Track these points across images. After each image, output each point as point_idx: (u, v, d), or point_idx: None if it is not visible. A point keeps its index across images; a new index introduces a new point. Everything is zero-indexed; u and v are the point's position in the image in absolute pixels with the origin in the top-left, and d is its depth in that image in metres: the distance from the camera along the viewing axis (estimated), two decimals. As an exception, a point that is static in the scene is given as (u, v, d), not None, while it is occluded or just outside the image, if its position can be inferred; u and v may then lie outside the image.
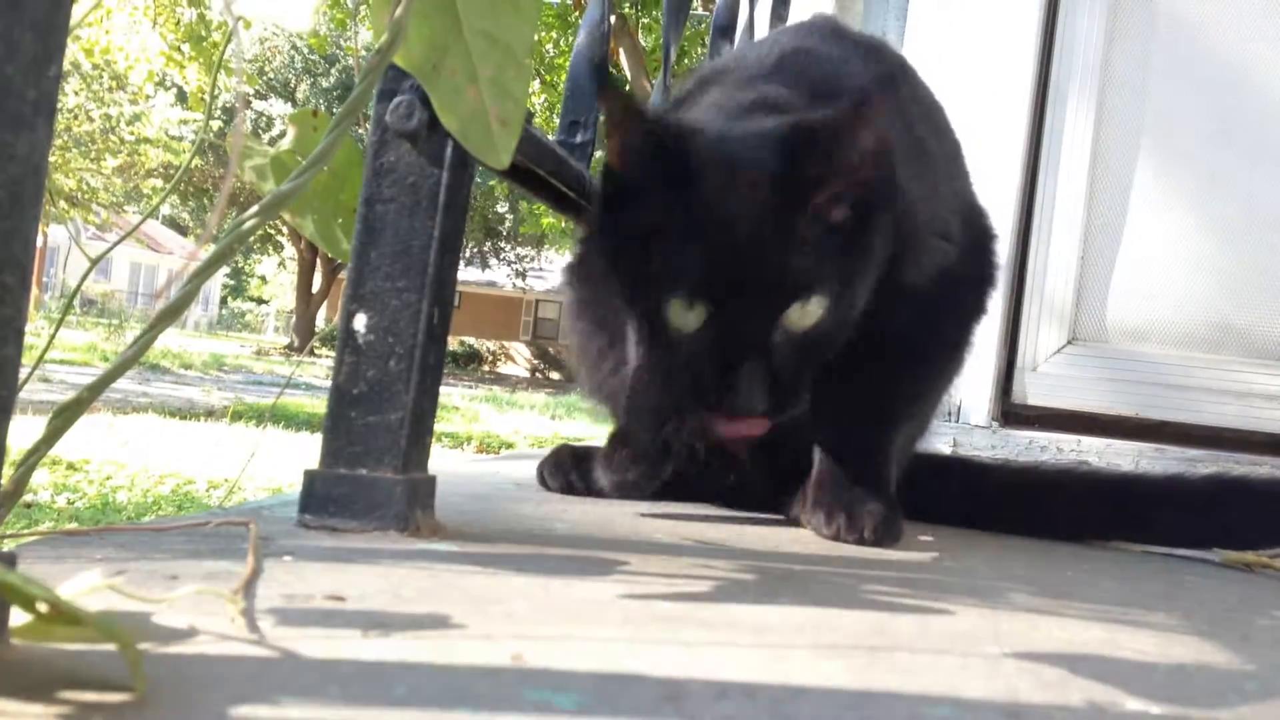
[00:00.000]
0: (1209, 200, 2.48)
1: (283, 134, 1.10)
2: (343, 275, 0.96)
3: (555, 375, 26.52)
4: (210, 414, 7.37)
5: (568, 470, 1.29)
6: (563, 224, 15.12)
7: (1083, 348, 2.44)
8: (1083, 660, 0.67)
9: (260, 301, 43.25)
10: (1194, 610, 0.90)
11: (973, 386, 2.41)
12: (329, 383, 0.92)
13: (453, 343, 25.15)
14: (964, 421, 2.41)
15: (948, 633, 0.72)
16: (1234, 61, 2.48)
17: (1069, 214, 2.49)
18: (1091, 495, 1.30)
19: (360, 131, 0.99)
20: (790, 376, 1.00)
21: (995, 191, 2.37)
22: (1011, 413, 2.47)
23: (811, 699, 0.54)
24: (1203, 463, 2.19)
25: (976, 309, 1.27)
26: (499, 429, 7.96)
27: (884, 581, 0.91)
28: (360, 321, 0.91)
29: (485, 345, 28.10)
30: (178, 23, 11.48)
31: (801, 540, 1.09)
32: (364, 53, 0.97)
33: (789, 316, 0.99)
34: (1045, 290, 2.47)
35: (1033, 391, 2.46)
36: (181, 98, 17.36)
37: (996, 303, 2.38)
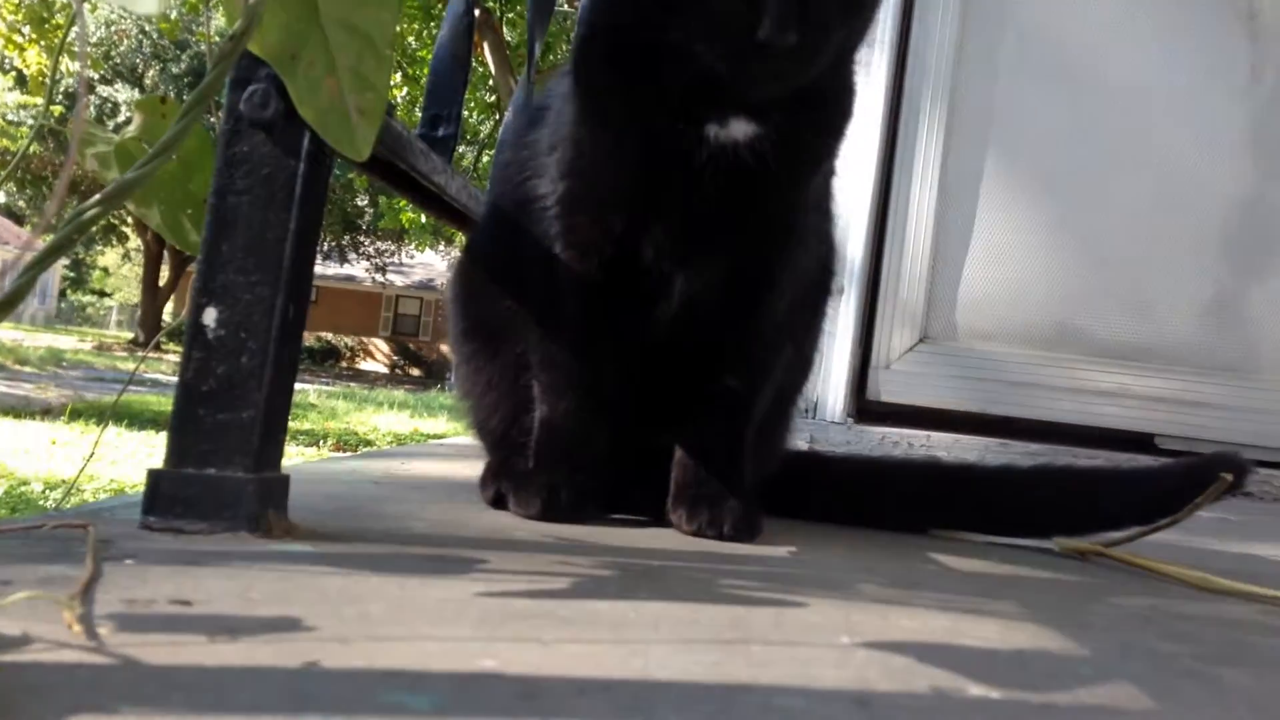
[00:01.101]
0: (1053, 206, 2.59)
1: (129, 121, 1.06)
2: (192, 268, 0.93)
3: (415, 372, 26.19)
4: (47, 412, 7.03)
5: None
6: (424, 219, 14.92)
7: (933, 347, 2.52)
8: (929, 649, 0.69)
9: (103, 294, 41.59)
10: (1033, 599, 0.94)
11: (829, 384, 2.47)
12: (176, 379, 0.89)
13: (309, 338, 24.60)
14: (821, 418, 2.47)
15: (802, 625, 0.73)
16: (1081, 70, 2.59)
17: (920, 219, 2.57)
18: (936, 488, 1.34)
19: (212, 120, 0.96)
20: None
21: (852, 197, 2.43)
22: (866, 409, 2.53)
23: (668, 693, 0.54)
24: (1043, 456, 2.29)
25: (823, 313, 1.31)
26: (357, 426, 7.80)
27: (742, 576, 0.92)
28: (210, 316, 0.88)
29: (343, 341, 27.57)
30: (18, 4, 10.95)
31: (662, 537, 1.10)
32: (217, 39, 0.94)
33: None
34: (898, 292, 2.55)
35: (886, 389, 2.53)
36: (21, 81, 16.55)
37: (852, 303, 2.45)
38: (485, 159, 13.70)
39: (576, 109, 1.12)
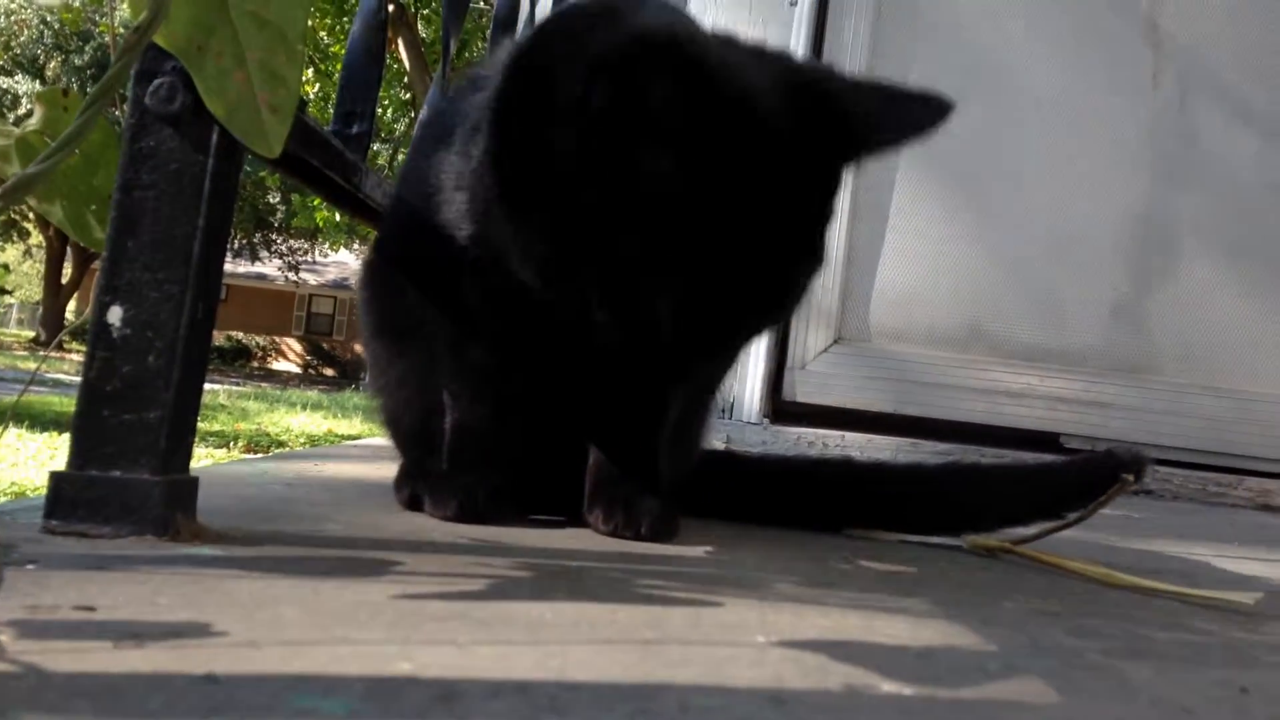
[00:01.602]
0: (964, 210, 2.64)
1: (29, 113, 1.02)
2: (96, 265, 0.91)
3: (329, 372, 25.81)
4: (-56, 413, 6.80)
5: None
6: (338, 217, 14.72)
7: (847, 348, 2.55)
8: (842, 646, 0.70)
9: (3, 292, 40.32)
10: (943, 596, 0.96)
11: (746, 385, 2.49)
12: (80, 379, 0.87)
13: (219, 338, 24.12)
14: (737, 418, 2.49)
15: (718, 624, 0.74)
16: (994, 71, 2.64)
17: (835, 221, 2.60)
18: (850, 487, 1.36)
19: (116, 114, 0.94)
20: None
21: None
22: (782, 410, 2.56)
23: (585, 694, 0.54)
24: (953, 456, 2.34)
25: None
26: (269, 427, 7.66)
27: (659, 576, 0.92)
28: (115, 314, 0.86)
29: (255, 340, 27.06)
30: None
31: (580, 538, 1.10)
32: (121, 30, 0.92)
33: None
34: (814, 293, 2.58)
35: (801, 389, 2.56)
36: (-86, 72, 15.99)
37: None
38: (401, 157, 13.55)
39: (488, 185, 1.04)
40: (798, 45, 2.52)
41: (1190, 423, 2.50)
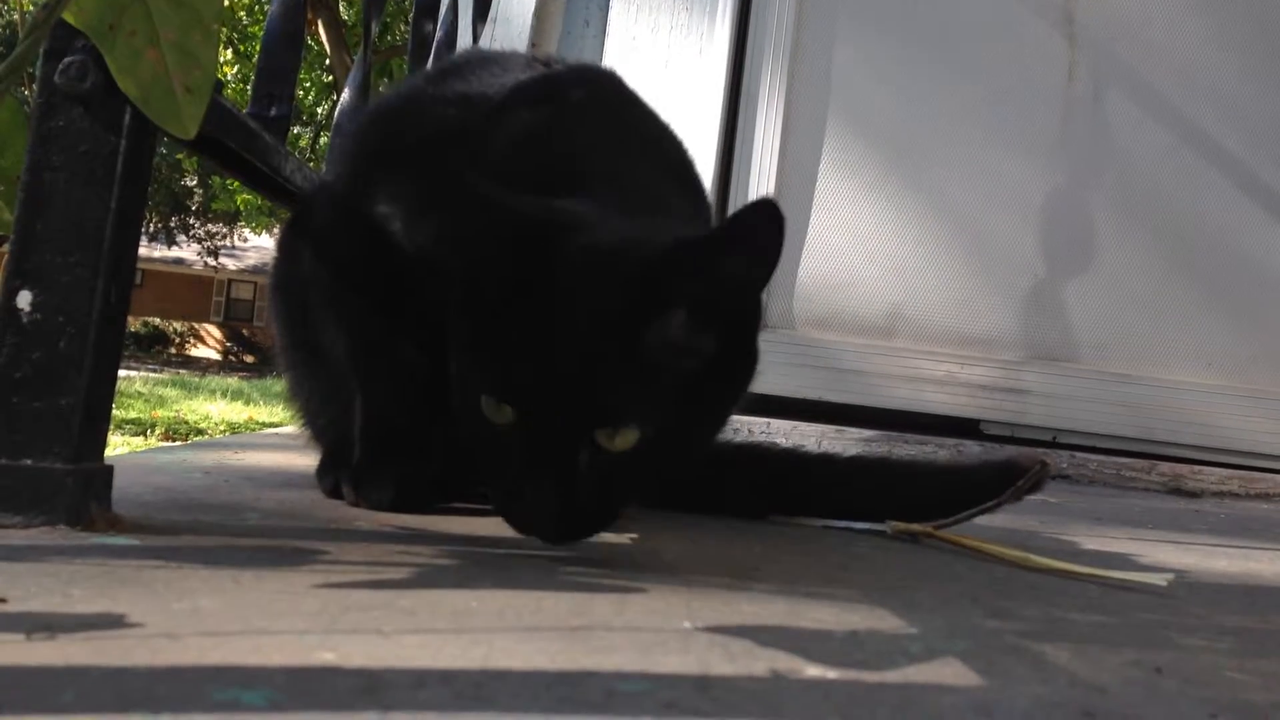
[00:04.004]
0: (885, 200, 2.67)
1: (-68, 90, 0.99)
2: (4, 249, 0.88)
3: (249, 359, 25.37)
4: None
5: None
6: (259, 201, 14.47)
7: (772, 335, 2.57)
8: (768, 631, 0.70)
9: (-92, 276, 38.99)
10: (867, 581, 0.97)
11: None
12: (-13, 366, 0.84)
13: (135, 323, 23.59)
14: (662, 405, 2.49)
15: (644, 611, 0.74)
16: (912, 63, 2.67)
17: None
18: (776, 474, 1.37)
19: (25, 93, 0.91)
20: (595, 499, 0.90)
21: (693, 183, 2.46)
22: (706, 397, 2.56)
23: (511, 682, 0.54)
24: (877, 443, 2.37)
25: None
26: (187, 415, 7.52)
27: (584, 563, 0.92)
28: (25, 299, 0.84)
29: (172, 326, 26.51)
30: None
31: (505, 526, 1.09)
32: (30, 7, 0.89)
33: (601, 436, 0.89)
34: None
35: (726, 376, 2.56)
36: None
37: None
38: (323, 140, 13.35)
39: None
40: (723, 28, 2.53)
41: (1106, 409, 2.55)
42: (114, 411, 0.90)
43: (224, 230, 24.89)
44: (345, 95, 1.91)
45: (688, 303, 0.90)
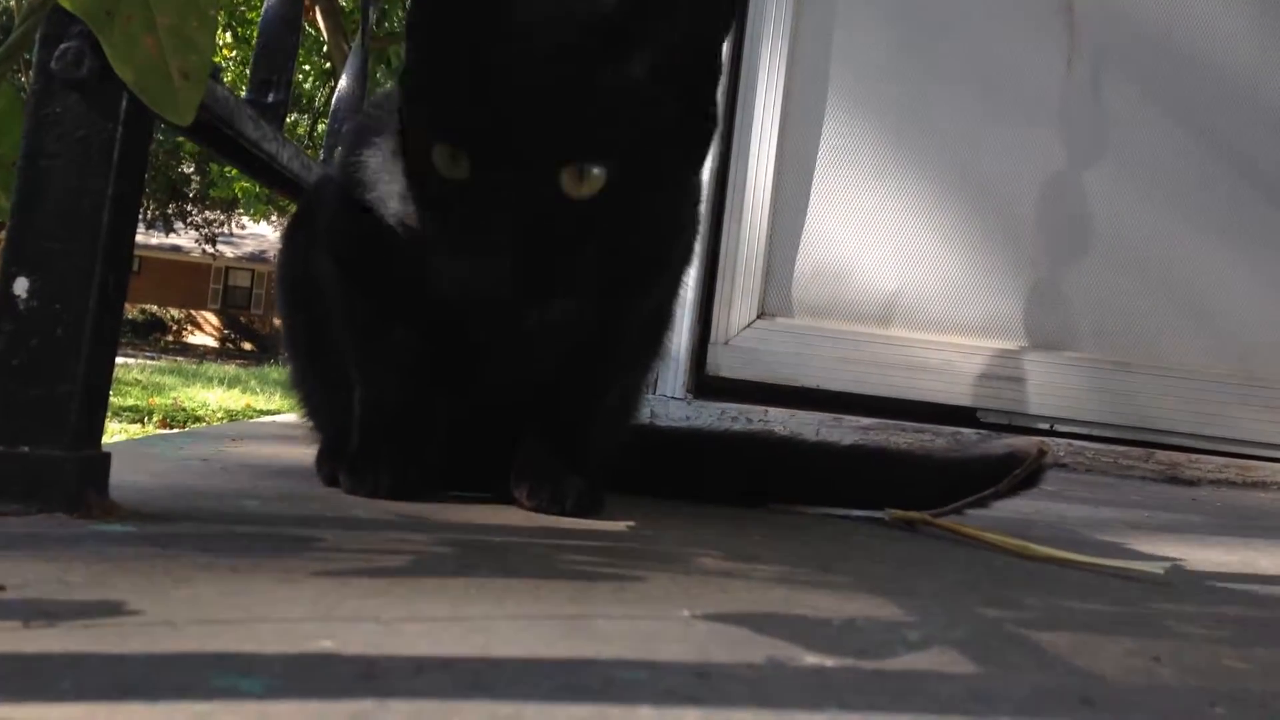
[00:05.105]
0: (884, 184, 2.66)
1: (-72, 76, 0.99)
2: (1, 235, 0.88)
3: (247, 346, 25.37)
4: None
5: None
6: (257, 189, 14.43)
7: (771, 323, 2.57)
8: (767, 619, 0.70)
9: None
10: (865, 569, 0.97)
11: (669, 360, 2.49)
12: (-16, 353, 0.84)
13: (133, 311, 23.57)
14: (661, 393, 2.49)
15: (643, 598, 0.74)
16: (911, 52, 2.67)
17: (758, 196, 2.62)
18: (774, 462, 1.37)
19: (22, 80, 0.91)
20: (558, 257, 0.88)
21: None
22: (705, 385, 2.57)
23: (509, 669, 0.54)
24: (875, 430, 2.37)
25: (677, 291, 1.30)
26: (185, 402, 7.52)
27: (584, 551, 0.92)
28: (22, 286, 0.83)
29: (170, 314, 26.49)
30: None
31: (504, 514, 1.09)
32: (26, -8, 0.89)
33: (565, 183, 0.87)
34: (737, 268, 2.59)
35: (725, 364, 2.57)
36: None
37: (692, 280, 2.47)
38: (321, 127, 13.32)
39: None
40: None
41: (1104, 397, 2.55)
42: (111, 399, 0.90)
43: (222, 217, 24.82)
44: (343, 82, 1.91)
45: (649, 46, 0.91)
